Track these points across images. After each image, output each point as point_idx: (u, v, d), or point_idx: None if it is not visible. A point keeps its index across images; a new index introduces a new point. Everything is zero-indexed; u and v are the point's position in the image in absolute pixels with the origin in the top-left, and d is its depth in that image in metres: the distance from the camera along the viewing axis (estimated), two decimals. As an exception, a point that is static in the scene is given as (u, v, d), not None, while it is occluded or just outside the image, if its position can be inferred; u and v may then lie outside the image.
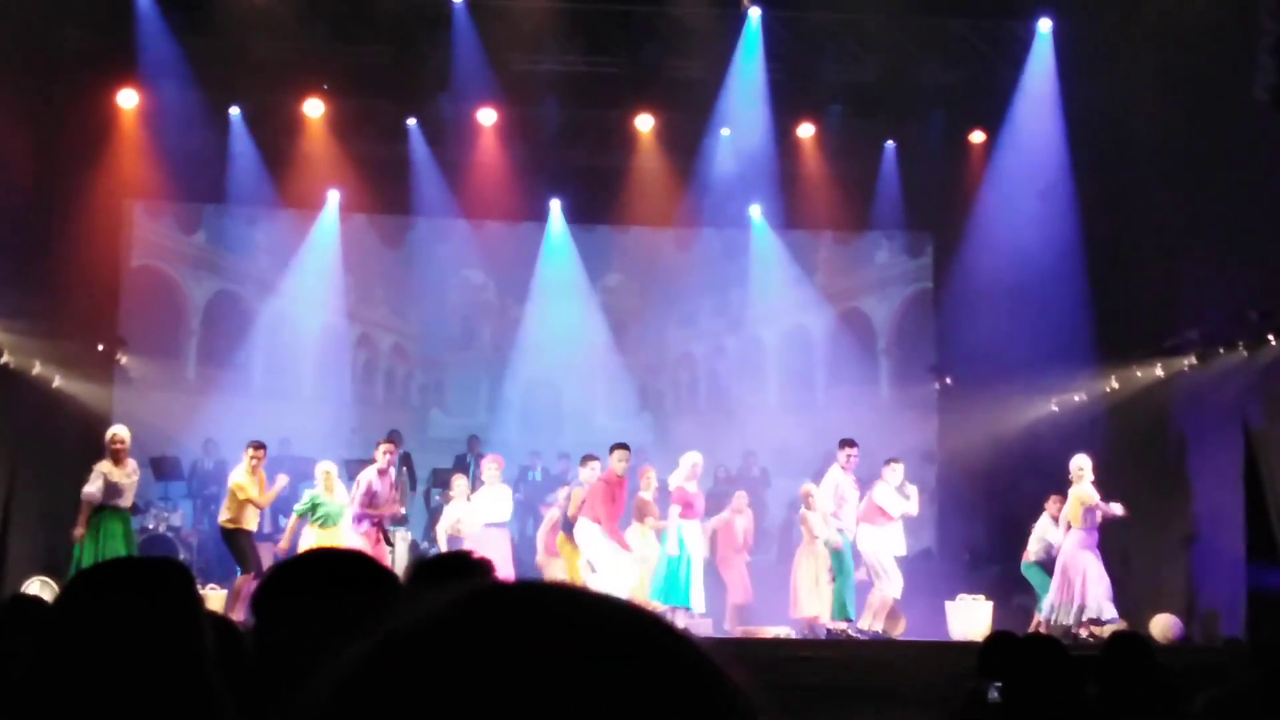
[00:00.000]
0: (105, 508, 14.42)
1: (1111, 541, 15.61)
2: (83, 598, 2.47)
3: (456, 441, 19.52)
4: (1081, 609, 14.66)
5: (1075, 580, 14.80)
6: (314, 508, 15.16)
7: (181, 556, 16.62)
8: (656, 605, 14.91)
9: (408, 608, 0.95)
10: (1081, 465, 15.12)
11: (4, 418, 16.70)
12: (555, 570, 15.87)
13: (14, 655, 4.96)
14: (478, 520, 15.60)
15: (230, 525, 14.92)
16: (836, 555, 14.97)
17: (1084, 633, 14.50)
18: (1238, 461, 15.14)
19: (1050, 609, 14.94)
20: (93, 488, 14.38)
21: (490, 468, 16.09)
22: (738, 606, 16.49)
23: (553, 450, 19.27)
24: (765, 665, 10.52)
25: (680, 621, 14.66)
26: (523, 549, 16.86)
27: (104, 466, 14.53)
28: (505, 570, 15.19)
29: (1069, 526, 15.10)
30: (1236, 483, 15.06)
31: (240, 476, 14.95)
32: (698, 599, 15.41)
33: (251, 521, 15.12)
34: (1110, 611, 14.67)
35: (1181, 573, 16.26)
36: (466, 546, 15.30)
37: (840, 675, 12.51)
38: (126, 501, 14.75)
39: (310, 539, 14.90)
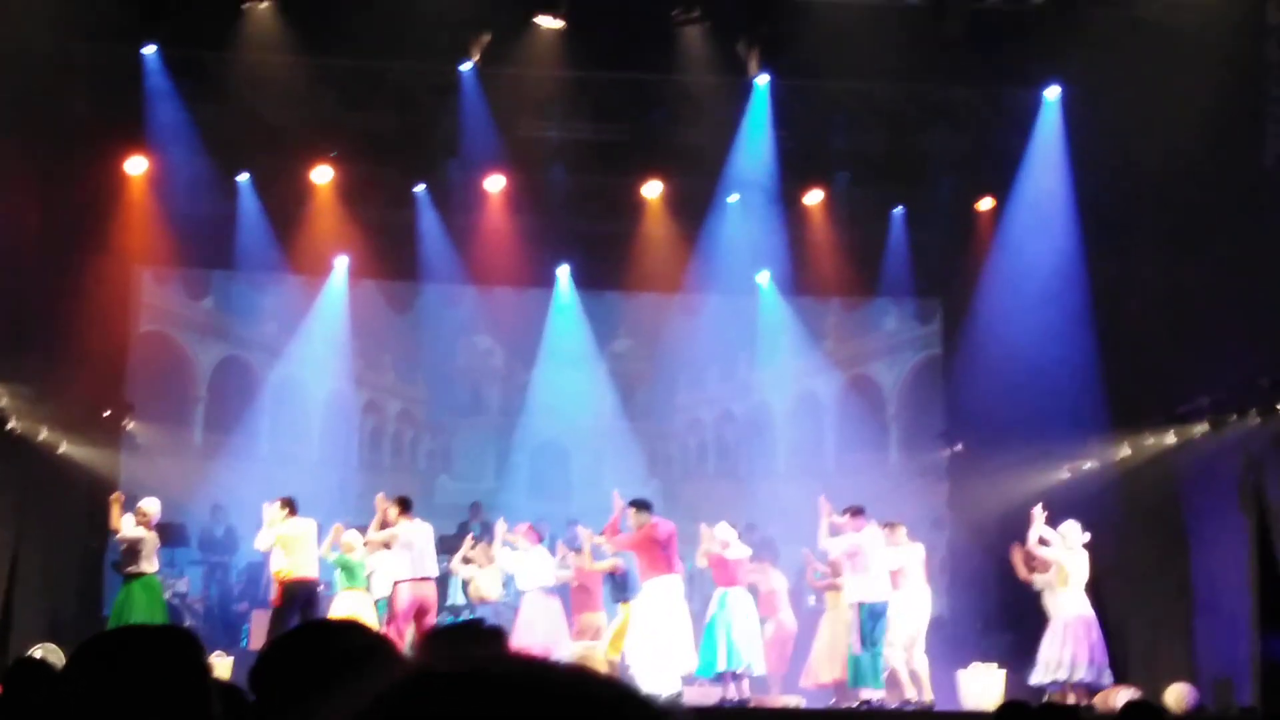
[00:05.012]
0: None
1: (1122, 608, 15.48)
2: (91, 665, 2.43)
3: (464, 508, 19.46)
4: (1074, 669, 14.48)
5: (1080, 640, 14.59)
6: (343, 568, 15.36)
7: (188, 623, 16.55)
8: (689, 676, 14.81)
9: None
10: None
11: (10, 483, 16.66)
12: (590, 631, 15.76)
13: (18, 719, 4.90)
14: (527, 584, 15.80)
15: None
16: (873, 619, 14.58)
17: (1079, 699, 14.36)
18: (1249, 529, 15.07)
19: (1046, 666, 14.74)
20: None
21: (520, 537, 16.09)
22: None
23: (561, 516, 19.16)
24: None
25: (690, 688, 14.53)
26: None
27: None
28: (561, 634, 15.27)
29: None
30: (1248, 551, 14.98)
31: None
32: (754, 661, 14.94)
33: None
34: (1109, 677, 14.55)
35: (1191, 640, 16.15)
36: (519, 610, 15.44)
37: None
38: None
39: (344, 600, 15.23)
